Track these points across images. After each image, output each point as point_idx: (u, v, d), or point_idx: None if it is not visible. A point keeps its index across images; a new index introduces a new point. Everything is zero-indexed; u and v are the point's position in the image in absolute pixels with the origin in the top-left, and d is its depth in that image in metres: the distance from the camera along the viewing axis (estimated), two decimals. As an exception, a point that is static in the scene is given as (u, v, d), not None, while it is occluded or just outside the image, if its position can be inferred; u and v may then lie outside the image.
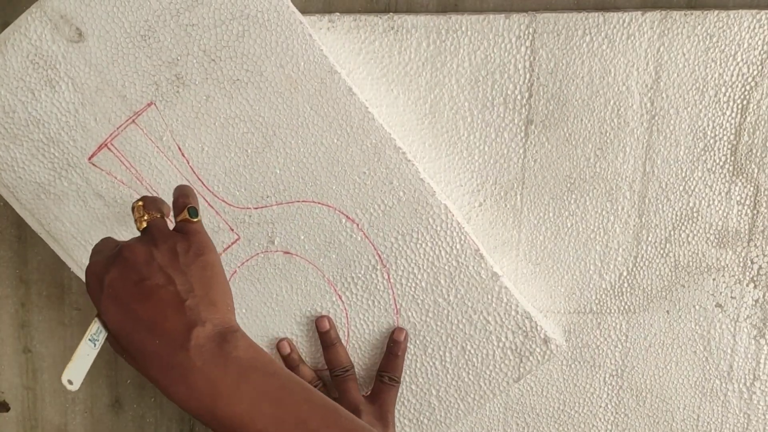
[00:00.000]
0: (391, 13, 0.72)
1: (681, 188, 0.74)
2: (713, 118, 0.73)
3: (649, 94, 0.72)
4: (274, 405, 0.49)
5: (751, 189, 0.74)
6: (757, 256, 0.76)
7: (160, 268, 0.52)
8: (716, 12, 0.70)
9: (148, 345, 0.50)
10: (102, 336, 0.54)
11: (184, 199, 0.58)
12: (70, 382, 0.51)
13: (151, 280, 0.51)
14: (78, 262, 0.74)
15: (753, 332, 0.77)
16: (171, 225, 0.57)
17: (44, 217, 0.72)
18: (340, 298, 0.74)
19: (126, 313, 0.51)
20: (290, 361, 0.75)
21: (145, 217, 0.56)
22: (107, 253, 0.54)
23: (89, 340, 0.53)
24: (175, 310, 0.50)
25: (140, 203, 0.57)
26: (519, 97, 0.73)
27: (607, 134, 0.73)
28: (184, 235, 0.55)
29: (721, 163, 0.74)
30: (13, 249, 0.81)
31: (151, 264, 0.52)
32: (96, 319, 0.53)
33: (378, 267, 0.73)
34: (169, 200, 0.60)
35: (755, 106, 0.72)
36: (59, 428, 0.86)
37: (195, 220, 0.56)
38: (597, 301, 0.77)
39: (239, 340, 0.50)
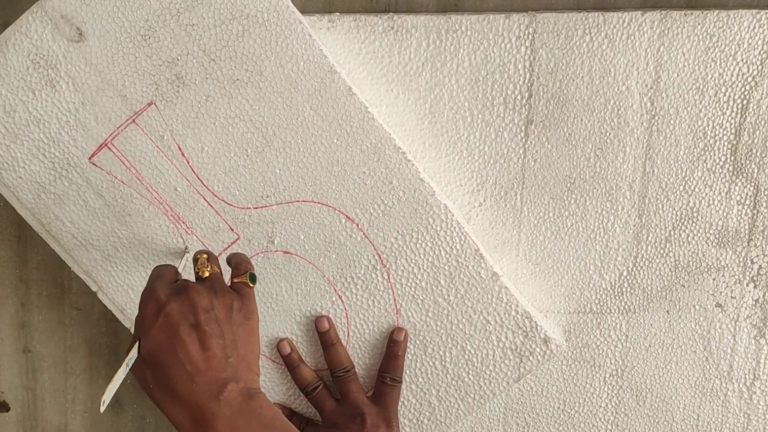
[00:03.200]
0: (391, 13, 0.72)
1: (681, 188, 0.74)
2: (713, 118, 0.73)
3: (649, 94, 0.72)
4: None
5: (751, 189, 0.74)
6: (757, 256, 0.76)
7: (216, 319, 0.57)
8: (716, 12, 0.70)
9: (184, 384, 0.54)
10: (132, 362, 0.56)
11: (246, 264, 0.64)
12: (103, 403, 0.53)
13: (206, 327, 0.56)
14: (78, 261, 0.74)
15: (753, 332, 0.77)
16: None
17: (44, 216, 0.72)
18: (340, 298, 0.74)
19: (173, 347, 0.55)
20: (290, 361, 0.75)
21: (209, 268, 0.61)
22: (169, 282, 0.58)
23: (126, 365, 0.55)
24: (219, 361, 0.55)
25: (205, 256, 0.62)
26: (519, 97, 0.73)
27: (607, 134, 0.73)
28: (239, 295, 0.60)
29: (721, 163, 0.74)
30: (13, 249, 0.81)
31: (210, 312, 0.57)
32: (137, 344, 0.56)
33: (378, 267, 0.73)
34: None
35: (755, 106, 0.72)
36: (59, 428, 0.86)
37: (252, 286, 0.62)
38: (597, 301, 0.77)
39: (263, 401, 0.56)
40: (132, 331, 0.75)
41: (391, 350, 0.74)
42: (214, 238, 0.72)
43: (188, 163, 0.71)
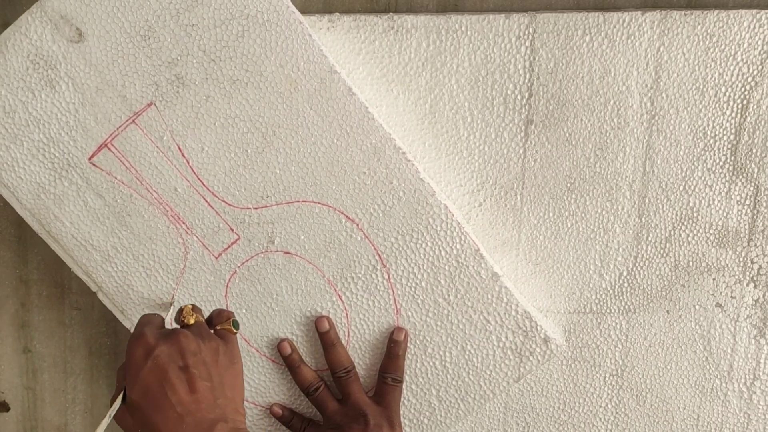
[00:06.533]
0: (391, 13, 0.72)
1: (681, 188, 0.74)
2: (713, 118, 0.73)
3: (649, 94, 0.72)
4: None
5: (751, 189, 0.74)
6: (757, 256, 0.76)
7: (204, 362, 0.58)
8: (716, 12, 0.70)
9: (174, 426, 0.55)
10: (115, 411, 0.57)
11: (228, 313, 0.66)
12: None
13: (195, 370, 0.57)
14: (78, 262, 0.74)
15: (753, 332, 0.77)
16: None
17: (44, 217, 0.72)
18: (341, 298, 0.74)
19: (162, 389, 0.56)
20: (291, 362, 0.75)
21: (194, 317, 0.64)
22: (156, 328, 0.60)
23: (109, 416, 0.56)
24: (208, 403, 0.57)
25: (190, 306, 0.64)
26: (519, 97, 0.73)
27: (607, 134, 0.73)
28: (224, 341, 0.62)
29: (721, 163, 0.74)
30: (13, 249, 0.81)
31: (198, 356, 0.58)
32: (121, 394, 0.56)
33: (378, 267, 0.73)
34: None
35: (755, 106, 0.72)
36: (59, 428, 0.86)
37: (235, 331, 0.64)
38: (597, 301, 0.77)
39: None
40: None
41: (391, 350, 0.74)
42: (214, 238, 0.72)
43: (188, 163, 0.71)
